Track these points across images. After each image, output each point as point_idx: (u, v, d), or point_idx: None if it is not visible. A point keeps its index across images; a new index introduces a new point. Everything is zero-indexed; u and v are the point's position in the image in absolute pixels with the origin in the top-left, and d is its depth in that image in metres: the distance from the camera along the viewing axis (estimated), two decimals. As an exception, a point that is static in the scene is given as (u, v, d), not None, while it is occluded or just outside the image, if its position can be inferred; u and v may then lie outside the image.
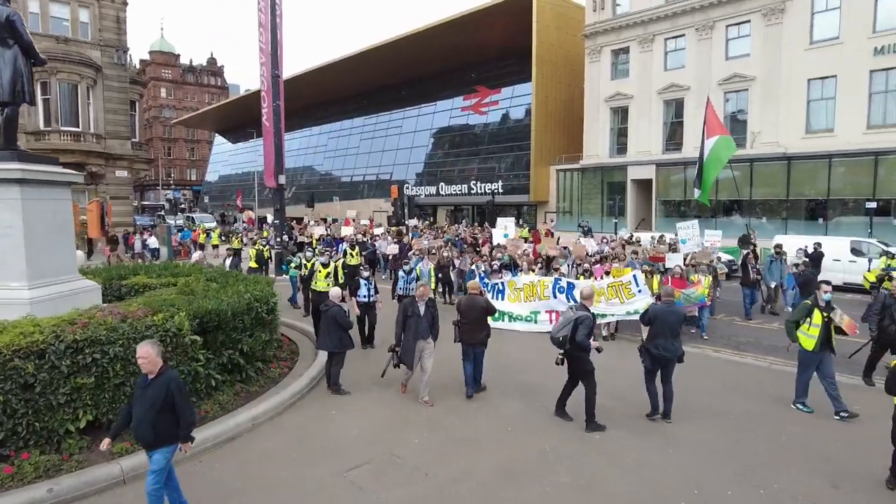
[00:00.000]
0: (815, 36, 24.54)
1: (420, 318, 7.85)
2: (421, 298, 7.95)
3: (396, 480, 5.75)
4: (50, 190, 8.86)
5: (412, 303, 7.97)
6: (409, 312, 7.85)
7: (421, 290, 8.05)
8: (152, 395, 4.78)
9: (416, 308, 7.88)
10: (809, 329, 7.44)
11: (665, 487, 5.59)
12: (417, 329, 7.80)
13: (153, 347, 4.87)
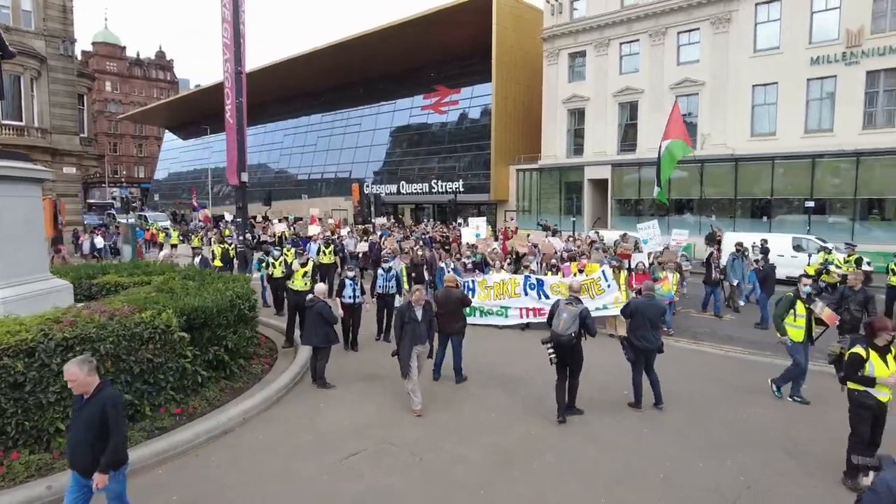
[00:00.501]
0: (759, 45, 26.01)
1: (417, 322, 7.67)
2: (417, 303, 7.76)
3: (394, 466, 6.02)
4: (22, 187, 8.67)
5: (409, 307, 7.74)
6: (406, 318, 7.65)
7: (417, 294, 7.85)
8: (88, 417, 4.35)
9: (412, 313, 7.70)
10: (795, 321, 7.82)
11: (642, 463, 6.06)
12: (414, 334, 7.62)
13: (80, 367, 4.38)
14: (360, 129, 47.76)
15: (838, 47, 23.69)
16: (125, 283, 10.31)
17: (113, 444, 4.35)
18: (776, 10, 25.43)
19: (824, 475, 5.76)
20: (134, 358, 6.78)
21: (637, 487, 5.59)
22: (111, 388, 4.62)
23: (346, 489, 5.54)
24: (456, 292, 9.35)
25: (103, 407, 4.35)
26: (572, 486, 5.64)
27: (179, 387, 7.39)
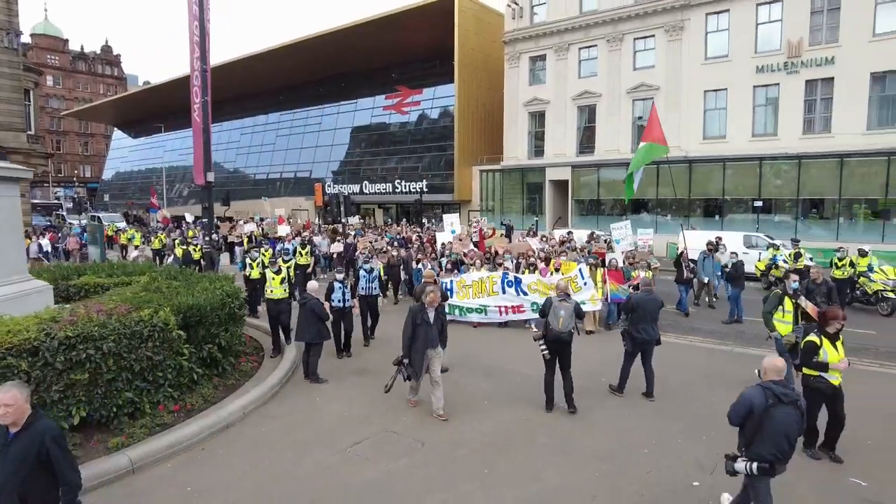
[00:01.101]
0: (709, 53, 27.38)
1: (430, 325, 7.40)
2: (431, 305, 7.47)
3: (398, 451, 6.35)
4: (3, 187, 8.54)
5: (421, 310, 7.43)
6: (418, 320, 7.35)
7: (431, 296, 7.52)
8: (18, 454, 3.57)
9: (425, 315, 7.40)
10: (784, 316, 8.06)
11: (629, 441, 6.60)
12: (427, 338, 7.32)
13: (21, 391, 3.69)
14: (321, 128, 47.43)
15: (780, 57, 25.23)
16: (105, 284, 10.23)
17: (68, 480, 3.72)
18: (725, 21, 26.84)
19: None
20: (134, 356, 6.86)
21: (625, 461, 6.10)
22: (47, 420, 3.82)
23: (356, 474, 5.84)
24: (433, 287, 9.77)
25: (41, 443, 3.59)
26: (565, 462, 6.11)
27: (176, 384, 7.49)
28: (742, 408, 4.62)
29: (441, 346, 7.57)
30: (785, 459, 4.57)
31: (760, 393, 4.58)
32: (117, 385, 6.72)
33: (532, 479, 5.74)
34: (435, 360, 7.45)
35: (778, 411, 4.50)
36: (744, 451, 4.66)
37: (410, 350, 7.35)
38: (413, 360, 7.34)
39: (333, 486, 5.60)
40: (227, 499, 5.40)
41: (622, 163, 30.06)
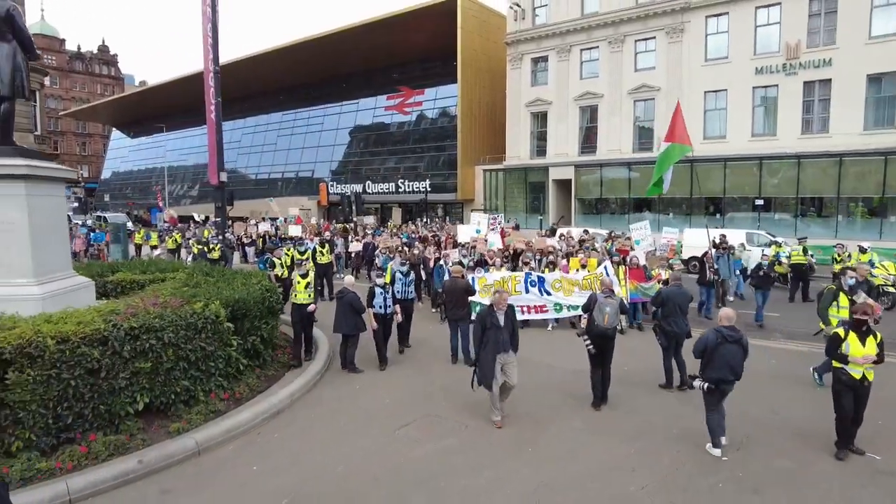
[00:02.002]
0: (709, 54, 27.96)
1: (500, 329, 7.00)
2: (499, 307, 7.08)
3: (443, 432, 6.81)
4: (51, 186, 8.92)
5: (490, 312, 7.08)
6: (487, 324, 6.98)
7: (497, 296, 7.17)
8: None
9: (494, 318, 7.02)
10: (839, 312, 8.07)
11: (657, 424, 7.05)
12: (497, 342, 6.92)
13: None
14: (323, 128, 47.78)
15: (779, 59, 25.82)
16: (141, 281, 10.59)
17: None
18: (724, 23, 27.42)
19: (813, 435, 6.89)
20: (190, 346, 7.27)
21: (656, 441, 6.56)
22: None
23: (408, 454, 6.27)
24: (461, 282, 10.26)
25: None
26: (601, 442, 6.57)
27: (225, 374, 7.90)
28: (701, 344, 6.35)
29: (513, 350, 7.15)
30: (728, 382, 6.21)
31: (714, 334, 6.26)
32: (175, 374, 7.12)
33: (573, 457, 6.19)
34: (510, 366, 7.01)
35: (724, 348, 6.17)
36: (700, 374, 6.32)
37: (479, 356, 7.02)
38: (482, 366, 6.94)
39: (389, 465, 6.02)
40: (293, 477, 5.82)
41: (624, 162, 30.68)
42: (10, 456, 5.89)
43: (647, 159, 29.79)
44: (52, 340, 6.05)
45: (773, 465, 5.95)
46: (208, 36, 20.98)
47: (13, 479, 5.64)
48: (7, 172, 8.06)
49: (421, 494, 5.46)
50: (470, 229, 17.70)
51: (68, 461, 5.96)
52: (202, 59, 21.33)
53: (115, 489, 5.64)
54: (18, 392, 5.86)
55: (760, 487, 5.49)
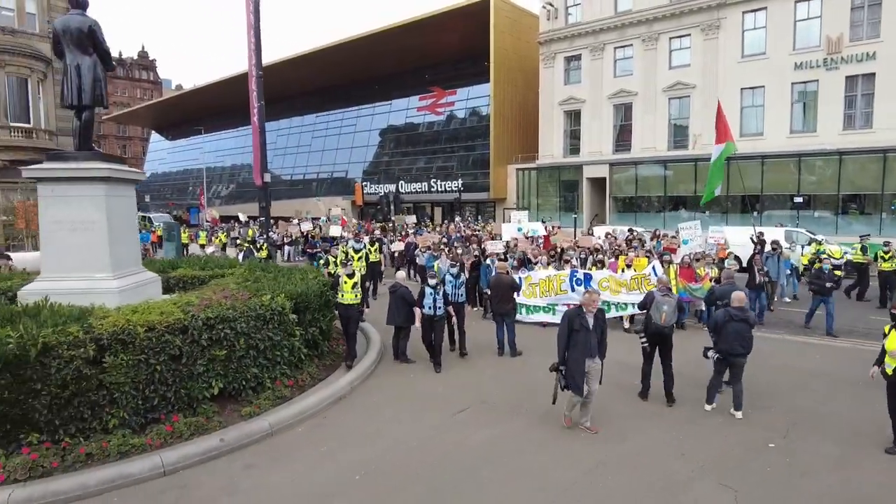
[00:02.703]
0: (746, 51, 27.66)
1: (589, 332, 6.70)
2: (589, 308, 6.79)
3: (499, 417, 7.20)
4: (125, 187, 9.59)
5: (579, 314, 6.79)
6: (575, 325, 6.71)
7: (587, 296, 6.93)
8: None
9: (583, 320, 6.72)
10: None
11: (704, 412, 7.30)
12: (586, 346, 6.67)
13: None
14: (356, 129, 48.56)
15: (820, 53, 25.42)
16: (201, 276, 11.22)
17: None
18: (762, 18, 27.09)
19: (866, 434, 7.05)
20: (259, 336, 7.79)
21: (705, 428, 6.83)
22: None
23: (469, 436, 6.67)
24: (506, 278, 10.65)
25: None
26: (650, 427, 6.91)
27: (288, 362, 8.41)
28: (713, 321, 7.56)
29: (600, 356, 6.88)
30: (736, 354, 7.13)
31: (723, 313, 7.35)
32: (246, 361, 7.65)
33: (624, 440, 6.50)
34: (592, 374, 6.77)
35: (731, 325, 7.13)
36: (714, 346, 7.35)
37: (567, 358, 6.76)
38: (571, 370, 6.69)
39: (453, 443, 6.43)
40: (364, 454, 6.26)
41: (659, 160, 30.55)
42: (107, 432, 6.47)
43: (682, 157, 29.68)
44: (141, 328, 6.62)
45: (819, 451, 6.16)
46: (252, 43, 21.79)
47: (111, 453, 6.22)
48: (90, 175, 8.73)
49: (488, 469, 5.86)
50: (512, 227, 17.75)
51: (157, 438, 6.52)
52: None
53: (202, 463, 6.17)
54: (114, 374, 6.42)
55: (808, 471, 5.71)
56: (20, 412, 6.01)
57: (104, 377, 6.39)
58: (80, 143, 9.40)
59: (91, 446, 6.22)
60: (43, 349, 5.97)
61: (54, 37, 9.07)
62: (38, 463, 5.90)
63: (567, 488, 5.53)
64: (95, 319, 6.64)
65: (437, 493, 5.46)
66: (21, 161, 30.06)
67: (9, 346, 5.84)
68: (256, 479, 5.82)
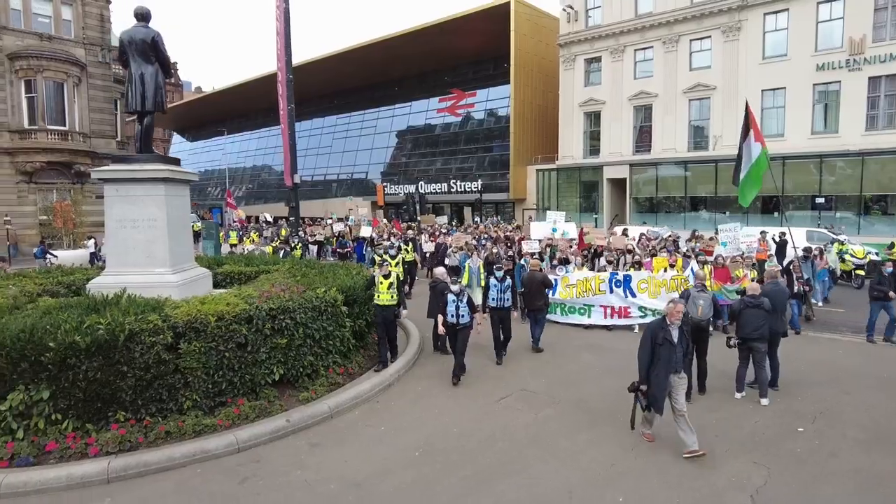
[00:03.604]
0: (767, 52, 27.82)
1: (673, 345, 6.19)
2: (673, 320, 6.24)
3: (540, 404, 7.67)
4: (181, 188, 10.22)
5: (662, 326, 6.26)
6: (658, 339, 6.19)
7: (671, 306, 6.36)
8: None
9: (667, 333, 6.20)
10: None
11: (736, 401, 7.72)
12: (670, 361, 6.16)
13: None
14: (376, 131, 49.29)
15: (842, 55, 25.52)
16: (247, 272, 11.83)
17: None
18: (783, 20, 27.24)
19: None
20: (315, 326, 8.35)
21: (735, 414, 7.25)
22: None
23: (515, 419, 7.17)
24: (539, 275, 11.07)
25: None
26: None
27: (340, 352, 8.97)
28: (733, 310, 8.28)
29: (685, 370, 6.43)
30: (755, 339, 7.65)
31: (739, 301, 8.12)
32: (303, 350, 8.21)
33: (662, 424, 6.93)
34: (679, 388, 6.30)
35: (748, 311, 7.75)
36: (735, 333, 7.90)
37: (649, 375, 6.25)
38: (654, 388, 6.22)
39: (500, 426, 6.93)
40: (420, 434, 6.78)
41: (679, 161, 30.78)
42: (182, 413, 7.06)
43: (702, 158, 29.90)
44: (212, 318, 7.20)
45: (847, 436, 6.56)
46: (281, 48, 22.48)
47: (187, 431, 6.80)
48: (152, 176, 9.36)
49: (534, 449, 6.35)
50: (545, 227, 17.65)
51: (226, 420, 7.10)
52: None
53: (271, 441, 6.72)
54: (188, 360, 7.01)
55: (837, 452, 6.13)
56: (109, 392, 6.61)
57: (179, 362, 6.98)
58: (141, 146, 10.06)
59: (169, 425, 6.80)
60: (128, 335, 6.57)
61: (120, 47, 9.69)
62: (125, 438, 6.50)
63: (609, 466, 6.01)
64: (170, 309, 7.24)
65: (490, 469, 5.95)
66: (57, 162, 31.23)
67: (99, 332, 6.45)
68: (322, 455, 6.36)
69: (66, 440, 6.38)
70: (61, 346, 6.27)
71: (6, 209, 28.61)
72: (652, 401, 6.29)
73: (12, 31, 29.43)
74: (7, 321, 6.65)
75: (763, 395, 7.67)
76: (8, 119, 29.54)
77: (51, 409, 6.45)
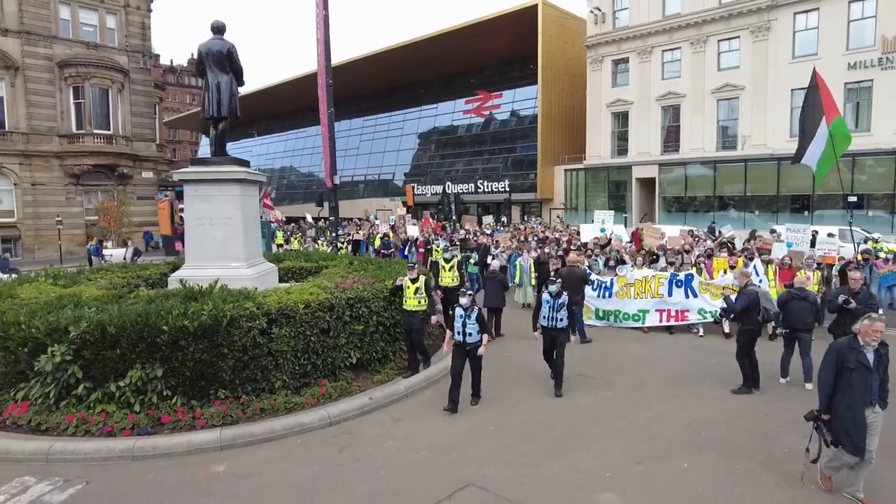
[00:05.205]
0: (797, 52, 27.94)
1: (869, 371, 5.09)
2: (869, 338, 5.10)
3: (597, 387, 8.32)
4: (253, 188, 11.01)
5: (852, 346, 5.16)
6: (849, 363, 5.10)
7: (866, 323, 5.14)
8: None
9: (860, 355, 5.10)
10: None
11: (784, 385, 8.22)
12: (865, 389, 5.06)
13: None
14: (403, 132, 50.09)
15: (874, 53, 25.59)
16: (307, 267, 12.59)
17: None
18: (814, 19, 27.36)
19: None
20: (386, 315, 9.05)
21: (785, 393, 7.76)
22: None
23: (576, 400, 7.83)
24: (578, 271, 11.59)
25: None
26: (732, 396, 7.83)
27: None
28: (779, 301, 8.62)
29: (881, 404, 5.17)
30: (799, 330, 8.18)
31: (786, 293, 8.57)
32: (375, 336, 8.92)
33: (715, 403, 7.53)
34: (874, 427, 5.13)
35: (793, 303, 8.24)
36: (781, 324, 8.43)
37: (835, 405, 5.20)
38: (844, 422, 5.11)
39: (564, 408, 7.56)
40: (489, 413, 7.44)
41: (708, 161, 31.02)
42: (272, 392, 7.78)
43: (730, 158, 30.10)
44: (301, 305, 7.92)
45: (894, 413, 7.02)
46: (321, 54, 23.27)
47: (279, 408, 7.51)
48: (228, 177, 10.15)
49: (598, 426, 6.96)
50: (594, 228, 17.50)
51: (313, 398, 7.81)
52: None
53: (358, 416, 7.42)
54: (279, 344, 7.72)
55: (886, 429, 6.59)
56: (212, 371, 7.36)
57: (272, 345, 7.70)
58: (216, 149, 10.84)
59: (263, 402, 7.52)
60: (229, 321, 7.31)
61: (198, 58, 10.47)
62: (227, 413, 7.24)
63: (671, 439, 6.58)
64: (261, 298, 7.98)
65: (562, 441, 6.57)
66: (102, 165, 32.58)
67: (203, 317, 7.19)
68: (407, 428, 7.04)
69: (177, 413, 7.14)
70: (172, 329, 7.02)
71: (56, 210, 29.97)
72: (842, 436, 5.13)
73: (62, 41, 30.82)
74: (123, 308, 7.43)
75: (808, 379, 8.17)
76: (58, 124, 30.94)
77: (162, 386, 7.22)
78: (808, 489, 5.44)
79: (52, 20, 30.56)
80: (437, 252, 14.90)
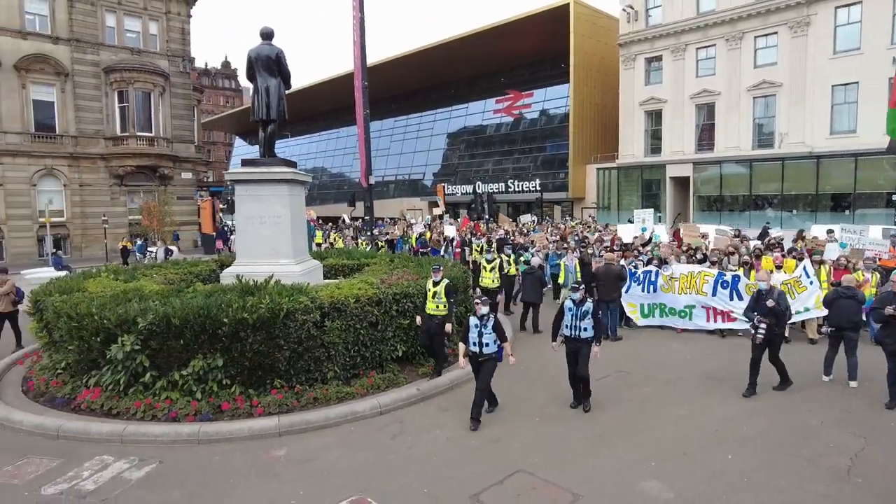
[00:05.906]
0: (839, 46, 27.32)
1: None
2: None
3: (637, 382, 8.48)
4: (300, 188, 11.43)
5: None
6: None
7: None
8: None
9: None
10: None
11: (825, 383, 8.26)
12: None
13: None
14: (433, 132, 50.49)
15: (921, 46, 24.91)
16: (350, 265, 12.98)
17: None
18: (857, 13, 26.70)
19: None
20: (429, 310, 9.33)
21: (826, 393, 7.79)
22: None
23: (623, 391, 8.05)
24: (615, 268, 11.67)
25: None
26: (772, 394, 7.89)
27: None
28: (826, 299, 8.77)
29: None
30: (845, 328, 8.18)
31: (833, 292, 8.56)
32: (417, 331, 9.21)
33: (756, 400, 7.64)
34: None
35: (840, 301, 8.25)
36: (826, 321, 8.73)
37: None
38: None
39: (613, 399, 7.80)
40: (533, 402, 7.66)
41: (743, 160, 30.57)
42: (324, 382, 8.15)
43: (767, 156, 29.61)
44: (351, 300, 8.28)
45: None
46: (358, 58, 23.74)
47: (331, 398, 7.87)
48: (278, 178, 10.58)
49: (639, 419, 7.17)
50: (634, 228, 17.35)
51: (362, 389, 8.15)
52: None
53: (407, 406, 7.75)
54: (331, 336, 8.08)
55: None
56: (269, 362, 7.74)
57: (324, 338, 8.06)
58: (265, 151, 11.25)
59: (317, 392, 7.89)
60: (286, 314, 7.69)
61: (248, 63, 10.90)
62: (283, 402, 7.61)
63: (714, 432, 6.72)
64: (314, 292, 8.35)
65: (607, 432, 6.78)
66: (144, 166, 33.73)
67: (261, 310, 7.58)
68: (454, 418, 7.31)
69: (236, 401, 7.54)
70: (233, 321, 7.43)
71: (102, 209, 31.20)
72: None
73: (108, 47, 32.05)
74: (185, 301, 7.88)
75: (852, 377, 8.18)
76: (104, 127, 32.19)
77: (222, 375, 7.63)
78: (855, 482, 5.53)
79: (98, 27, 31.80)
80: (476, 252, 15.08)
